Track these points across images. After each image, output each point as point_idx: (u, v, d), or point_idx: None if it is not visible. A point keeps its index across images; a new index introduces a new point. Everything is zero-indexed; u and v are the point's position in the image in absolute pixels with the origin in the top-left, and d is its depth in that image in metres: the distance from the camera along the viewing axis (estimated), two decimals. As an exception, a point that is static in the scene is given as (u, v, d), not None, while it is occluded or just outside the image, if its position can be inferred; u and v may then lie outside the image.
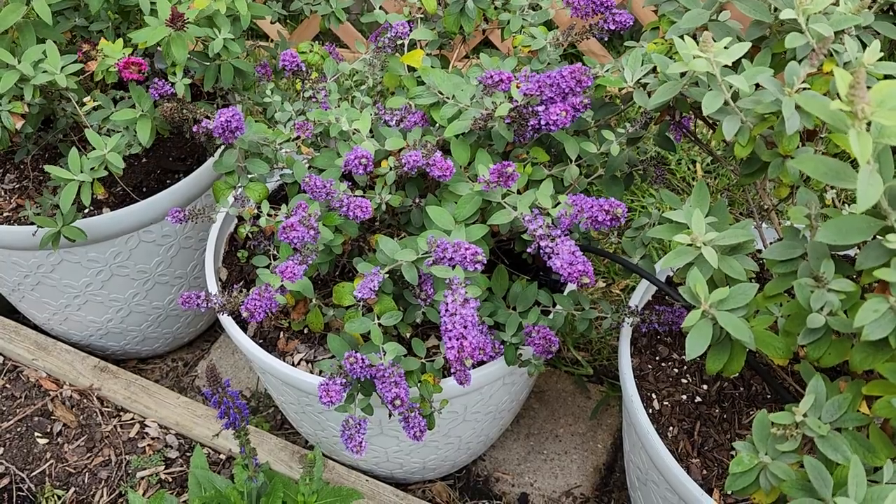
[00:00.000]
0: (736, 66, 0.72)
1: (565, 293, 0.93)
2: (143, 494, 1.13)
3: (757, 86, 0.70)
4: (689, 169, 1.67)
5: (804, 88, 0.63)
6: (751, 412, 0.90)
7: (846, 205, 0.70)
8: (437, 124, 0.89)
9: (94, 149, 0.94)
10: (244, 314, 0.82)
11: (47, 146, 1.23)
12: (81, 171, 0.93)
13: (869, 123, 0.52)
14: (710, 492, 0.82)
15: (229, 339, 1.43)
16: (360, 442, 0.79)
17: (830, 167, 0.57)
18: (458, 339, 0.64)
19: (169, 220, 0.87)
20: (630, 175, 0.99)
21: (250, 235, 0.97)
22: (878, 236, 0.58)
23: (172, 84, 0.96)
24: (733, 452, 0.86)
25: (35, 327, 1.36)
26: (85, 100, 1.00)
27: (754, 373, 0.92)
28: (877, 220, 0.58)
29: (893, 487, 0.52)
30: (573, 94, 0.74)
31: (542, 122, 0.73)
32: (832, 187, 0.66)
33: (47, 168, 0.92)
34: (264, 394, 1.34)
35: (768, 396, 0.91)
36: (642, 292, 1.00)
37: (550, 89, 0.77)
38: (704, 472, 0.85)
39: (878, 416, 0.57)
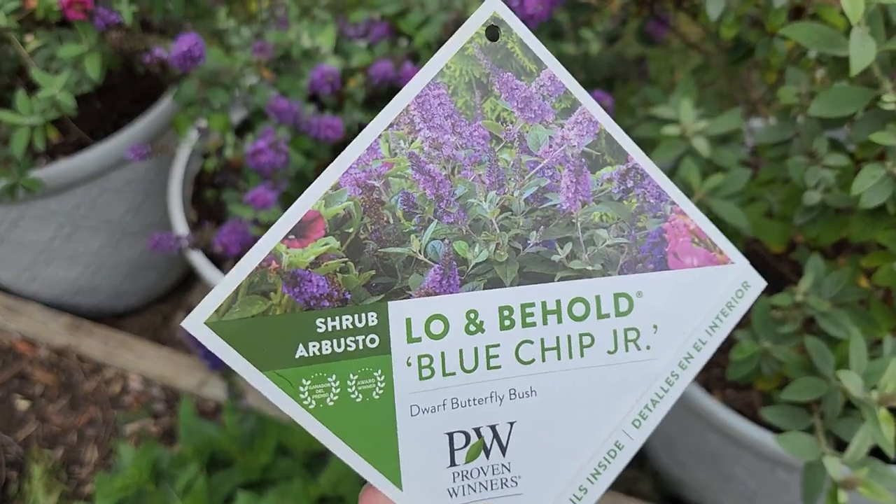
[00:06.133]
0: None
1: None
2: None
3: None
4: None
5: (791, -43, 0.59)
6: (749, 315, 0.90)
7: (836, 84, 0.67)
8: (405, 37, 0.84)
9: (42, 89, 0.88)
10: (218, 248, 0.78)
11: (-7, 98, 1.16)
12: (32, 114, 0.87)
13: (862, -20, 0.49)
14: (710, 392, 0.82)
15: (206, 290, 1.39)
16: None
17: (822, 34, 0.54)
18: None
19: (131, 156, 0.82)
20: (611, 81, 0.95)
21: (217, 170, 0.92)
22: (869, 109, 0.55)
23: (119, 12, 0.90)
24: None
25: (3, 290, 1.30)
26: (27, 38, 0.93)
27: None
28: (870, 89, 0.55)
29: (893, 359, 0.51)
30: (548, -16, 0.69)
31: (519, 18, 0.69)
32: (821, 63, 0.63)
33: (-8, 112, 0.86)
34: (249, 340, 1.32)
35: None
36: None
37: (523, -17, 0.73)
38: (703, 374, 0.84)
39: (878, 287, 0.56)
